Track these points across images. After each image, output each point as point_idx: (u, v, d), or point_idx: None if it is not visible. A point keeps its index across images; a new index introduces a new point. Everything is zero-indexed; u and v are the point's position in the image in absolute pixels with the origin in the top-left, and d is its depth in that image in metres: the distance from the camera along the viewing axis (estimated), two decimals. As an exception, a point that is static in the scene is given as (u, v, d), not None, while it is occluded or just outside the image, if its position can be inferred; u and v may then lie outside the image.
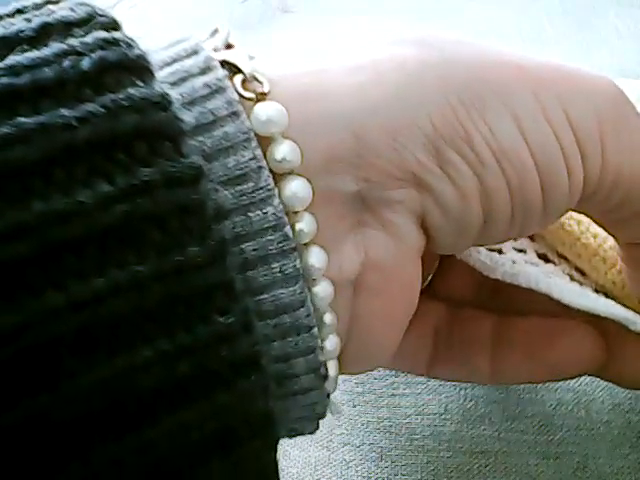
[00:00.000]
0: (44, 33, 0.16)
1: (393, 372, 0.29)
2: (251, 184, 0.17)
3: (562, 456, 0.27)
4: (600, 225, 0.24)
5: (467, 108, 0.19)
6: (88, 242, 0.15)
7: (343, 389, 0.29)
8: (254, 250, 0.18)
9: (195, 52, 0.18)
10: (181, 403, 0.16)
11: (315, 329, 0.19)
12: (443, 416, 0.28)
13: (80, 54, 0.16)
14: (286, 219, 0.18)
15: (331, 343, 0.19)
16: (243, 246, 0.17)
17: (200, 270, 0.16)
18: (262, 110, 0.18)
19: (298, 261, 0.18)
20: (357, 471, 0.28)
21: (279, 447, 0.28)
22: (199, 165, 0.16)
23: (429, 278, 0.27)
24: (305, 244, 0.18)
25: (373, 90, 0.19)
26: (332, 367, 0.20)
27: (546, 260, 0.26)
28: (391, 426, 0.28)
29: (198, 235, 0.16)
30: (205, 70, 0.18)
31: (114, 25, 0.17)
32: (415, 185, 0.19)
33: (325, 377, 0.20)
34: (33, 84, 0.15)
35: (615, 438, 0.28)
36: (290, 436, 0.21)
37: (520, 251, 0.26)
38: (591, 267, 0.25)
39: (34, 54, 0.16)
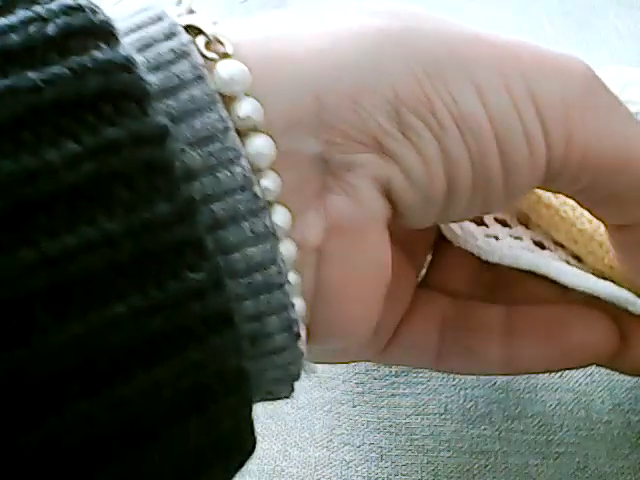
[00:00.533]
0: (11, 1, 0.16)
1: (393, 372, 0.30)
2: (218, 144, 0.18)
3: (562, 456, 0.27)
4: (585, 208, 0.24)
5: (429, 75, 0.19)
6: (57, 200, 0.15)
7: (343, 389, 0.29)
8: (223, 210, 0.18)
9: (159, 18, 0.19)
10: (154, 359, 0.16)
11: (287, 286, 0.19)
12: (443, 416, 0.28)
13: (45, 20, 0.16)
14: (254, 178, 0.18)
15: (296, 305, 0.19)
16: (213, 206, 0.18)
17: (169, 227, 0.16)
18: (225, 69, 0.18)
19: (268, 219, 0.18)
20: (357, 471, 0.28)
21: (279, 446, 0.28)
22: (164, 124, 0.16)
23: (424, 270, 0.27)
24: (270, 203, 0.19)
25: (336, 55, 0.19)
26: (300, 331, 0.20)
27: (542, 247, 0.26)
28: (391, 426, 0.28)
29: (166, 193, 0.16)
30: (170, 35, 0.18)
31: None
32: (377, 150, 0.20)
33: (298, 336, 0.19)
34: (1, 50, 0.15)
35: (615, 438, 0.28)
36: (266, 399, 0.21)
37: (516, 238, 0.26)
38: (587, 252, 0.25)
39: (1, 22, 0.16)
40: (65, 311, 0.15)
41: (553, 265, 0.24)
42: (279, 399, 0.21)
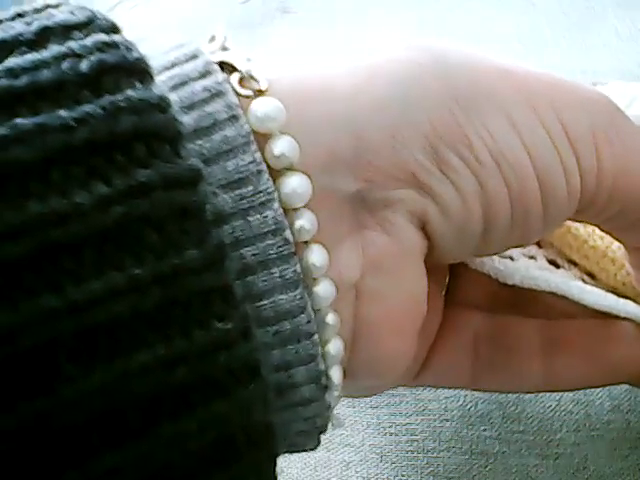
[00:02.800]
0: (44, 36, 0.16)
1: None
2: (251, 188, 0.17)
3: (562, 457, 0.27)
4: (606, 232, 0.24)
5: (465, 111, 0.19)
6: (85, 244, 0.15)
7: (343, 390, 0.29)
8: (254, 255, 0.17)
9: (195, 56, 0.18)
10: (180, 411, 0.16)
11: (316, 336, 0.19)
12: (443, 417, 0.28)
13: (79, 56, 0.16)
14: (286, 223, 0.18)
15: (334, 346, 0.19)
16: (242, 251, 0.17)
17: (198, 274, 0.16)
18: (259, 106, 0.18)
19: (298, 266, 0.18)
20: (357, 472, 0.28)
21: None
22: (197, 167, 0.16)
23: (444, 289, 0.27)
24: (306, 242, 0.18)
25: (371, 91, 0.19)
26: (336, 373, 0.20)
27: (556, 266, 0.26)
28: (391, 427, 0.28)
29: (196, 238, 0.16)
30: (205, 74, 0.18)
31: (114, 28, 0.17)
32: (415, 186, 0.19)
33: (326, 388, 0.19)
34: (32, 86, 0.15)
35: (615, 439, 0.28)
36: (291, 451, 0.21)
37: (530, 258, 0.26)
38: (600, 269, 0.25)
39: (33, 56, 0.16)
40: (90, 359, 0.15)
41: (572, 285, 0.24)
42: (304, 451, 0.21)
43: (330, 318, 0.19)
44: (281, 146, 0.18)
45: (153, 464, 0.15)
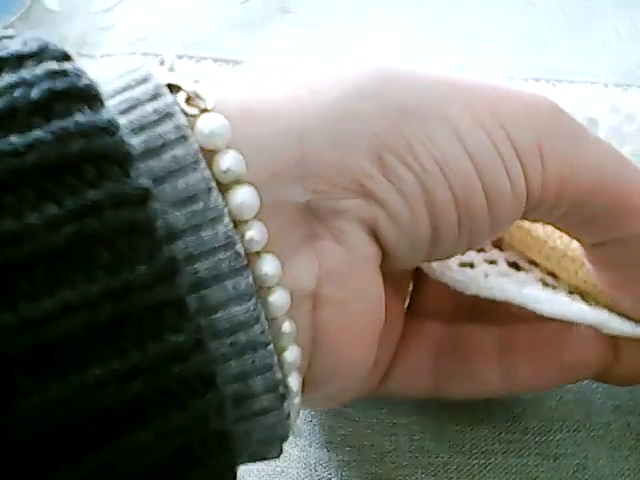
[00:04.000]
0: None
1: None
2: (201, 204, 0.18)
3: (562, 457, 0.27)
4: (562, 230, 0.24)
5: (408, 121, 0.20)
6: (38, 263, 0.15)
7: (343, 390, 0.29)
8: (207, 269, 0.18)
9: (145, 80, 0.19)
10: (136, 423, 0.16)
11: (271, 346, 0.19)
12: (443, 416, 0.28)
13: (30, 85, 0.16)
14: (237, 237, 0.18)
15: (291, 354, 0.20)
16: (196, 265, 0.18)
17: (149, 288, 0.16)
18: (205, 124, 0.18)
19: (251, 278, 0.18)
20: (357, 472, 0.28)
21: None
22: (146, 186, 0.16)
23: (407, 299, 0.27)
24: (257, 253, 0.19)
25: (316, 103, 0.20)
26: (294, 380, 0.20)
27: (517, 268, 0.27)
28: (391, 426, 0.28)
29: (146, 254, 0.16)
30: (154, 96, 0.18)
31: (64, 57, 0.17)
32: (363, 195, 0.20)
33: (284, 396, 0.20)
34: None
35: (615, 440, 0.28)
36: (253, 460, 0.21)
37: (491, 262, 0.26)
38: (561, 268, 0.26)
39: None
40: (45, 374, 0.15)
41: (527, 295, 0.24)
42: (267, 459, 0.21)
43: (286, 326, 0.19)
44: (227, 161, 0.18)
45: (111, 477, 0.16)
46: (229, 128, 0.19)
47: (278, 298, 0.19)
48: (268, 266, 0.19)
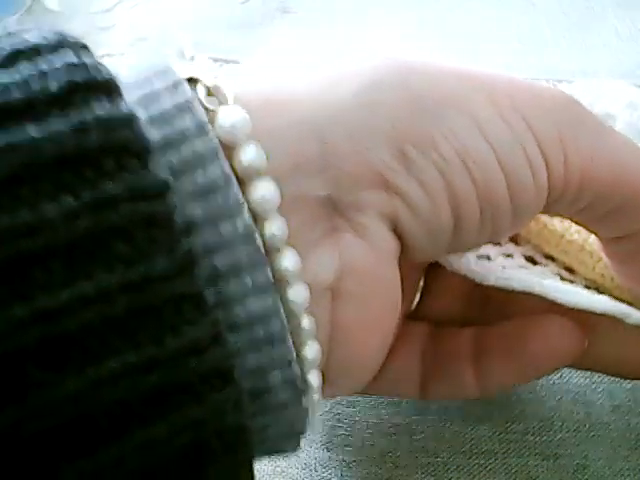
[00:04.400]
0: (15, 59, 0.16)
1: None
2: (220, 197, 0.18)
3: (562, 457, 0.27)
4: (579, 224, 0.24)
5: (428, 114, 0.20)
6: (54, 254, 0.15)
7: (343, 390, 0.29)
8: (225, 262, 0.18)
9: (164, 73, 0.19)
10: (152, 416, 0.16)
11: (289, 341, 0.19)
12: (443, 416, 0.28)
13: (49, 76, 0.16)
14: (256, 230, 0.18)
15: (311, 350, 0.19)
16: (214, 258, 0.18)
17: (167, 281, 0.16)
18: (225, 117, 0.18)
19: (269, 272, 0.18)
20: (357, 472, 0.28)
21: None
22: (164, 179, 0.16)
23: (417, 298, 0.27)
24: (278, 248, 0.19)
25: (335, 96, 0.20)
26: (314, 377, 0.20)
27: (534, 262, 0.26)
28: (391, 427, 0.28)
29: (165, 247, 0.16)
30: (173, 90, 0.18)
31: (84, 50, 0.17)
32: (384, 188, 0.20)
33: (302, 392, 0.19)
34: (2, 105, 0.16)
35: (615, 440, 0.28)
36: (271, 455, 0.21)
37: (508, 256, 0.26)
38: (579, 262, 0.26)
39: (4, 78, 0.16)
40: (60, 367, 0.15)
41: (546, 285, 0.24)
42: (284, 454, 0.21)
43: (305, 322, 0.19)
44: (248, 154, 0.18)
45: (126, 470, 0.15)
46: (249, 121, 0.18)
47: (298, 293, 0.19)
48: (288, 261, 0.19)
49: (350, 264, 0.20)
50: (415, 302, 0.27)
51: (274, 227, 0.18)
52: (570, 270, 0.26)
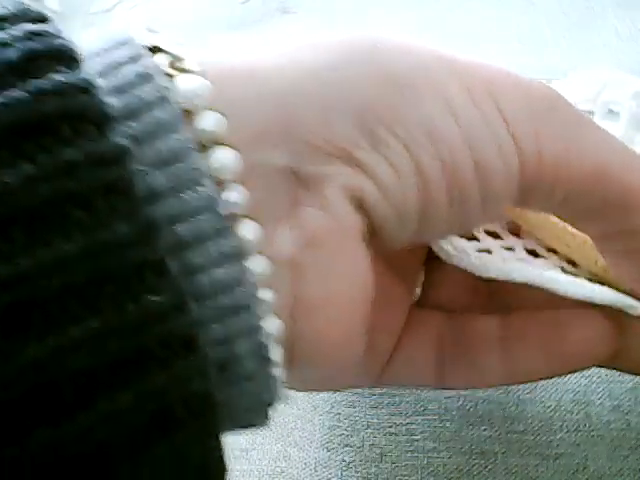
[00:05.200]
0: None
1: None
2: (182, 165, 0.18)
3: (562, 457, 0.27)
4: (565, 221, 0.24)
5: (398, 90, 0.20)
6: (13, 222, 0.15)
7: (343, 390, 0.29)
8: (188, 230, 0.18)
9: (126, 42, 0.19)
10: (116, 384, 0.16)
11: (255, 310, 0.18)
12: (443, 417, 0.28)
13: (7, 45, 0.16)
14: (219, 199, 0.18)
15: (271, 324, 0.19)
16: (177, 227, 0.17)
17: (128, 249, 0.16)
18: (185, 83, 0.18)
19: (233, 240, 0.18)
20: (357, 472, 0.28)
21: (279, 447, 0.28)
22: (123, 145, 0.16)
23: (418, 290, 0.27)
24: (238, 218, 0.18)
25: (303, 67, 0.19)
26: (276, 352, 0.20)
27: (536, 256, 0.26)
28: (391, 427, 0.28)
29: (125, 214, 0.16)
30: (135, 58, 0.18)
31: (43, 18, 0.17)
32: (349, 162, 0.20)
33: (269, 362, 0.19)
34: None
35: (615, 440, 0.28)
36: (242, 428, 0.21)
37: (509, 249, 0.26)
38: (581, 256, 0.25)
39: None
40: (22, 334, 0.15)
41: (547, 276, 0.24)
42: (254, 427, 0.21)
43: (264, 294, 0.19)
44: (207, 121, 0.18)
45: (91, 439, 0.15)
46: (210, 89, 0.18)
47: (257, 264, 0.19)
48: (247, 231, 0.18)
49: (312, 238, 0.20)
50: (418, 293, 0.27)
51: (234, 195, 0.18)
52: (573, 263, 0.26)
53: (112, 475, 0.16)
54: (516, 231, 0.27)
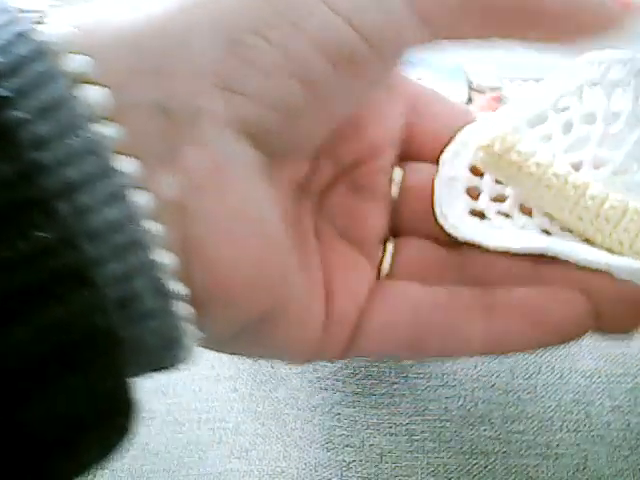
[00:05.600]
0: None
1: (393, 372, 0.30)
2: (65, 113, 0.18)
3: (561, 457, 0.27)
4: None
5: None
6: None
7: (343, 390, 0.29)
8: (77, 174, 0.18)
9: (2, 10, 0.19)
10: (12, 318, 0.16)
11: (148, 244, 0.19)
12: (443, 417, 0.28)
13: None
14: (104, 142, 0.18)
15: (166, 259, 0.19)
16: (65, 170, 0.18)
17: (12, 188, 0.16)
18: (52, 29, 0.19)
19: (120, 179, 0.18)
20: (357, 472, 0.28)
21: (279, 447, 0.28)
22: (3, 94, 0.17)
23: (388, 262, 0.26)
24: (119, 156, 0.19)
25: (159, 7, 0.20)
26: (177, 286, 0.20)
27: (548, 234, 0.26)
28: (391, 427, 0.28)
29: (7, 156, 0.17)
30: (10, 22, 0.19)
31: None
32: (222, 90, 0.20)
33: (170, 298, 0.19)
34: None
35: (615, 440, 0.28)
36: (152, 370, 0.21)
37: (521, 229, 0.26)
38: (595, 230, 0.25)
39: None
40: None
41: (566, 244, 0.24)
42: (169, 368, 0.21)
43: (151, 227, 0.19)
44: (75, 63, 0.19)
45: None
46: (75, 32, 0.19)
47: (145, 201, 0.19)
48: (130, 168, 0.19)
49: (195, 177, 0.20)
50: (387, 266, 0.27)
51: (109, 131, 0.19)
52: (587, 241, 0.26)
53: (20, 408, 0.16)
54: (527, 212, 0.26)
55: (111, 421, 0.18)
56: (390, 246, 0.26)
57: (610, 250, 0.25)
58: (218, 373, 0.31)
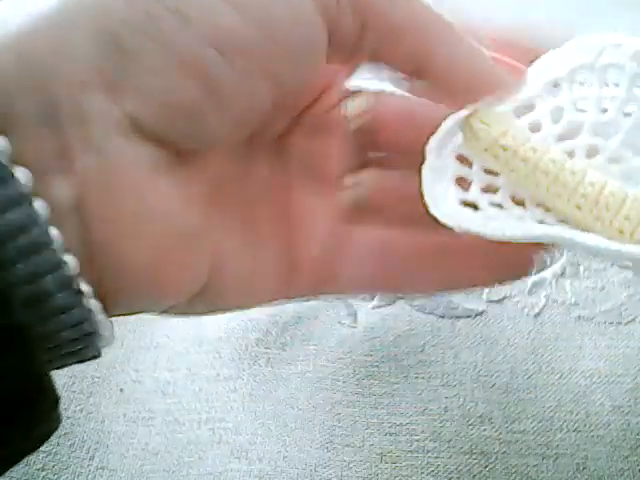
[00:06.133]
0: None
1: (393, 373, 0.30)
2: None
3: (562, 457, 0.27)
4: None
5: None
6: None
7: (343, 390, 0.29)
8: None
9: None
10: None
11: (55, 244, 0.19)
12: (443, 417, 0.28)
13: None
14: None
15: (70, 260, 0.20)
16: None
17: None
18: None
19: (17, 185, 0.18)
20: (357, 472, 0.28)
21: (279, 447, 0.28)
22: None
23: (350, 193, 0.26)
24: (11, 165, 0.19)
25: (39, 8, 0.19)
26: (84, 285, 0.20)
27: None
28: (391, 427, 0.28)
29: None
30: None
31: None
32: (105, 90, 0.19)
33: (78, 292, 0.20)
34: None
35: (615, 440, 0.28)
36: (75, 362, 0.22)
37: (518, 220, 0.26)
38: (594, 218, 0.25)
39: None
40: None
41: (567, 231, 0.23)
42: (89, 359, 0.22)
43: (53, 231, 0.19)
44: None
45: None
46: None
47: (42, 207, 0.19)
48: (22, 177, 0.19)
49: (86, 182, 0.20)
50: (349, 200, 0.26)
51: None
52: (585, 231, 0.25)
53: None
54: (520, 203, 0.26)
55: (31, 412, 0.19)
56: (352, 180, 0.26)
57: (610, 239, 0.24)
58: (218, 373, 0.31)
